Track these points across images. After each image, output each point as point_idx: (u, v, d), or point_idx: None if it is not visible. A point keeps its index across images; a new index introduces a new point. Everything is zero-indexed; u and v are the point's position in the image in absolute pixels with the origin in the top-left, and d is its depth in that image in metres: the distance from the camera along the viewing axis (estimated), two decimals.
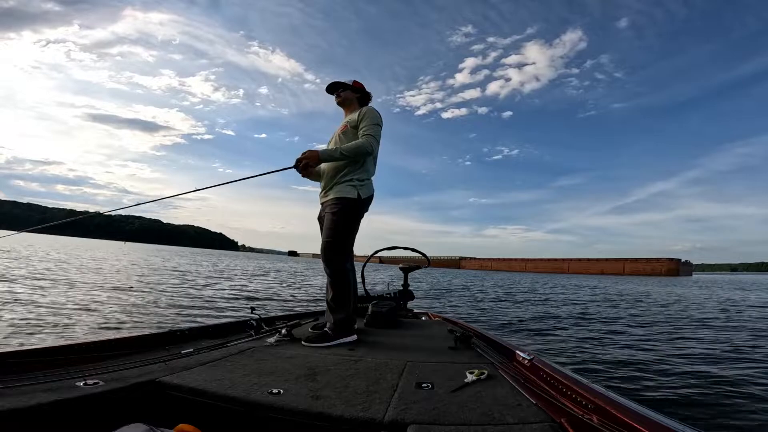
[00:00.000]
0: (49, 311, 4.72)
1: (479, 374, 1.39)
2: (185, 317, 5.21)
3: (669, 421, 0.89)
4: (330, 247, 2.10)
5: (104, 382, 1.13)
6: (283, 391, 1.17)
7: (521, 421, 1.01)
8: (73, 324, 4.14)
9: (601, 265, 78.79)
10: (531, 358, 1.53)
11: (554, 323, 6.53)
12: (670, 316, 8.03)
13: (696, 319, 7.52)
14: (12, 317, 4.25)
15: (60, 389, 1.04)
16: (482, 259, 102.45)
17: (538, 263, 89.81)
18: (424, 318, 3.22)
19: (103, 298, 6.09)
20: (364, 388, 1.25)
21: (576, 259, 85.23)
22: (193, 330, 1.90)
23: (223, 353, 1.63)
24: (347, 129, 2.24)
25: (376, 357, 1.71)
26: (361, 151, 2.13)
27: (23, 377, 1.08)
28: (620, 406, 0.98)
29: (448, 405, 1.11)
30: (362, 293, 3.11)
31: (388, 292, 3.25)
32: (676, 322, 7.06)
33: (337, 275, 2.12)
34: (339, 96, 2.38)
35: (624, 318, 7.53)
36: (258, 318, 2.23)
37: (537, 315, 7.63)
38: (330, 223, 2.11)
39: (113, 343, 1.51)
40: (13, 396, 0.96)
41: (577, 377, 1.25)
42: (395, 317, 2.68)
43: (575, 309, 8.92)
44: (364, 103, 2.39)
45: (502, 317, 7.18)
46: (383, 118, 2.26)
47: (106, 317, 4.70)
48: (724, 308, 9.68)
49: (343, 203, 2.12)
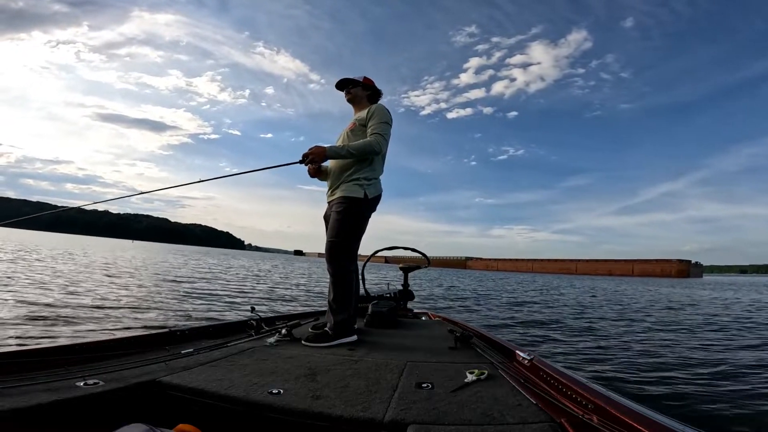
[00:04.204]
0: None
1: (479, 374, 1.38)
2: (185, 317, 5.21)
3: (669, 421, 0.88)
4: (334, 247, 2.07)
5: (104, 382, 1.13)
6: (283, 391, 1.17)
7: (521, 421, 1.00)
8: (74, 324, 4.17)
9: (609, 266, 77.96)
10: (531, 358, 1.52)
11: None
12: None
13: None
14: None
15: (60, 389, 1.05)
16: (488, 260, 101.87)
17: (545, 264, 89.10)
18: (424, 318, 3.21)
19: (106, 298, 6.13)
20: (364, 388, 1.25)
21: (584, 259, 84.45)
22: (193, 330, 1.90)
23: (223, 353, 1.63)
24: (356, 126, 2.20)
25: (376, 357, 1.70)
26: (369, 149, 2.10)
27: (23, 377, 1.09)
28: (620, 406, 0.97)
29: (448, 405, 1.11)
30: (362, 293, 3.10)
31: (388, 292, 3.24)
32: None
33: (339, 276, 2.09)
34: (349, 93, 2.33)
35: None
36: (258, 318, 2.23)
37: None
38: (335, 222, 2.08)
39: (113, 343, 1.52)
40: (13, 396, 0.97)
41: (577, 377, 1.24)
42: (395, 317, 2.67)
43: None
44: (374, 101, 2.34)
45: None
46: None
47: (108, 316, 4.73)
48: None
49: (349, 202, 2.09)
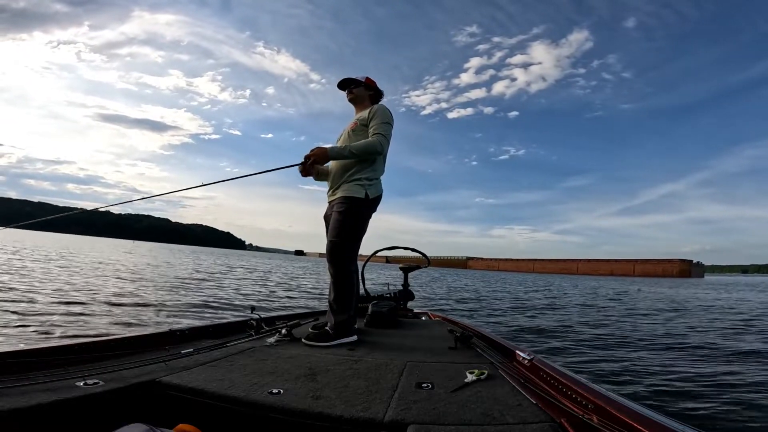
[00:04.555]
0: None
1: (479, 374, 1.38)
2: (185, 317, 5.21)
3: (669, 421, 0.88)
4: (336, 247, 2.07)
5: (104, 382, 1.13)
6: (283, 391, 1.17)
7: (521, 421, 1.00)
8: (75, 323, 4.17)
9: (610, 266, 77.95)
10: (531, 358, 1.52)
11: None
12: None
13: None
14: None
15: (60, 389, 1.05)
16: (489, 260, 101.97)
17: (546, 264, 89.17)
18: (424, 318, 3.21)
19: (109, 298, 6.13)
20: (364, 388, 1.25)
21: (585, 259, 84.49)
22: (193, 330, 1.89)
23: (223, 353, 1.63)
24: (357, 126, 2.20)
25: (376, 357, 1.70)
26: (371, 150, 2.09)
27: (23, 377, 1.09)
28: (620, 406, 0.97)
29: (448, 405, 1.11)
30: (362, 293, 3.10)
31: (388, 292, 3.24)
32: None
33: (340, 276, 2.08)
34: (351, 93, 2.33)
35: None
36: (258, 318, 2.22)
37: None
38: (336, 222, 2.07)
39: (113, 343, 1.52)
40: (13, 396, 0.96)
41: (577, 377, 1.24)
42: (395, 317, 2.67)
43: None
44: (376, 101, 2.35)
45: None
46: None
47: (111, 316, 4.74)
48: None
49: (350, 202, 2.08)
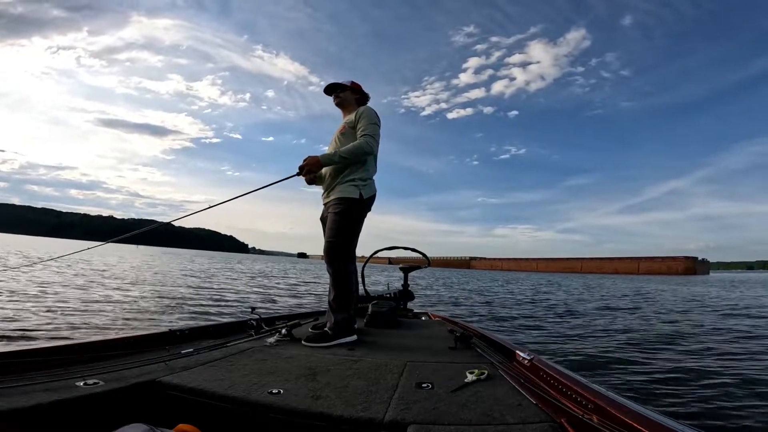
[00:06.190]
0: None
1: (479, 374, 1.38)
2: (185, 317, 5.22)
3: (669, 421, 0.87)
4: (333, 248, 2.11)
5: (104, 382, 1.14)
6: (283, 391, 1.17)
7: (521, 421, 1.00)
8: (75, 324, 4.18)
9: (614, 265, 77.58)
10: (531, 358, 1.51)
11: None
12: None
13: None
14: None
15: (60, 389, 1.05)
16: (493, 259, 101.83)
17: (549, 263, 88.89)
18: (424, 318, 3.21)
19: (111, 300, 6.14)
20: (364, 388, 1.24)
21: (589, 258, 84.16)
22: (193, 330, 1.90)
23: (223, 353, 1.63)
24: (346, 129, 2.26)
25: (376, 357, 1.70)
26: (361, 151, 2.14)
27: (23, 377, 1.09)
28: (620, 406, 0.96)
29: (448, 405, 1.11)
30: (362, 293, 3.10)
31: (388, 292, 3.24)
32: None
33: (339, 276, 2.12)
34: (338, 97, 2.38)
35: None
36: (258, 318, 2.23)
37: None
38: (332, 223, 2.12)
39: (113, 343, 1.52)
40: (13, 396, 0.97)
41: (577, 377, 1.24)
42: (395, 317, 2.67)
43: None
44: (363, 104, 2.38)
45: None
46: (386, 119, 2.26)
47: (108, 316, 4.75)
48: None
49: (345, 203, 2.12)
